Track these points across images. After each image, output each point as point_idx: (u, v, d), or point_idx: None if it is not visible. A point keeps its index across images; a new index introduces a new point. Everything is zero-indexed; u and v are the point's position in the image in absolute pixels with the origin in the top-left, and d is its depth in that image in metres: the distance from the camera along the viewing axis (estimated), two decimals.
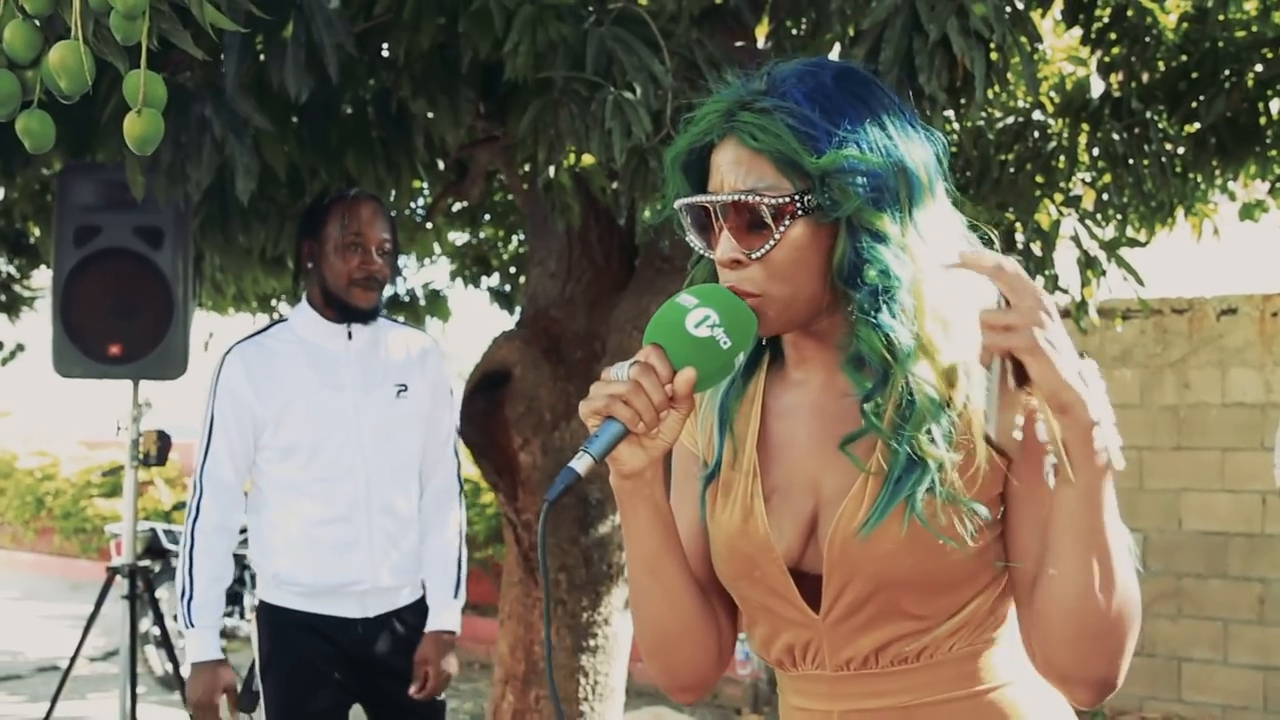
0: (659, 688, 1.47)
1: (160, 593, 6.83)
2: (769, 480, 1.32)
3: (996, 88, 2.87)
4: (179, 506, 9.18)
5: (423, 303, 7.18)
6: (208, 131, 2.67)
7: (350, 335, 2.92)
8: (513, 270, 6.75)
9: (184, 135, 2.66)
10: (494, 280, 7.00)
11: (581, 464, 1.16)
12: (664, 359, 1.18)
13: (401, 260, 6.97)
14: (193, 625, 2.76)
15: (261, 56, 2.67)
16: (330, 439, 2.85)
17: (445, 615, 2.94)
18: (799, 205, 1.21)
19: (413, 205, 6.15)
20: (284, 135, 3.20)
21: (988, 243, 1.29)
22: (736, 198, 1.22)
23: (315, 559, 2.84)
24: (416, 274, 9.82)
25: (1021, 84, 3.90)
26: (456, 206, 6.18)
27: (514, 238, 6.68)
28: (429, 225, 6.27)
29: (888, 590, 1.25)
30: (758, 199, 1.21)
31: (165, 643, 4.11)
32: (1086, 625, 1.16)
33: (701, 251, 1.30)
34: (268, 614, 2.90)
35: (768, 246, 1.22)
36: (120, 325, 3.71)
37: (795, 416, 1.33)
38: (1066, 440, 1.11)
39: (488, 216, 6.53)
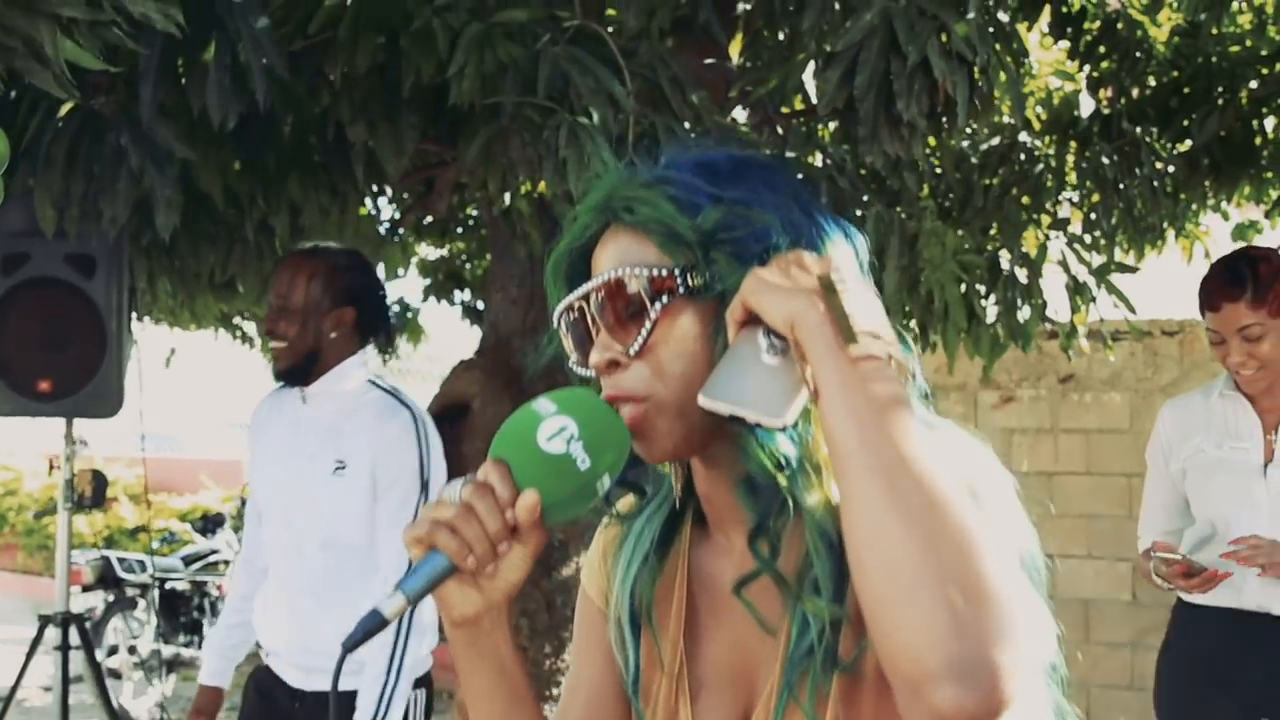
0: None
1: (115, 622, 6.60)
2: (696, 671, 1.08)
3: (980, 112, 2.68)
4: (142, 529, 8.88)
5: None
6: (124, 163, 2.45)
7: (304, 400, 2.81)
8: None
9: (97, 166, 2.44)
10: (466, 295, 6.79)
11: (390, 606, 0.92)
12: (506, 477, 0.95)
13: None
14: None
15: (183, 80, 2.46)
16: None
17: None
18: (679, 281, 0.99)
19: (379, 218, 5.96)
20: (217, 160, 2.98)
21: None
22: (604, 278, 1.00)
23: None
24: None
25: (1006, 102, 3.73)
26: (427, 220, 5.97)
27: (487, 253, 6.47)
28: (396, 239, 6.07)
29: None
30: (626, 272, 1.00)
31: (98, 679, 3.87)
32: (897, 571, 0.82)
33: (583, 372, 1.06)
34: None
35: (643, 333, 0.99)
36: (50, 359, 3.48)
37: (720, 591, 1.09)
38: (804, 349, 0.89)
39: (460, 230, 6.33)
